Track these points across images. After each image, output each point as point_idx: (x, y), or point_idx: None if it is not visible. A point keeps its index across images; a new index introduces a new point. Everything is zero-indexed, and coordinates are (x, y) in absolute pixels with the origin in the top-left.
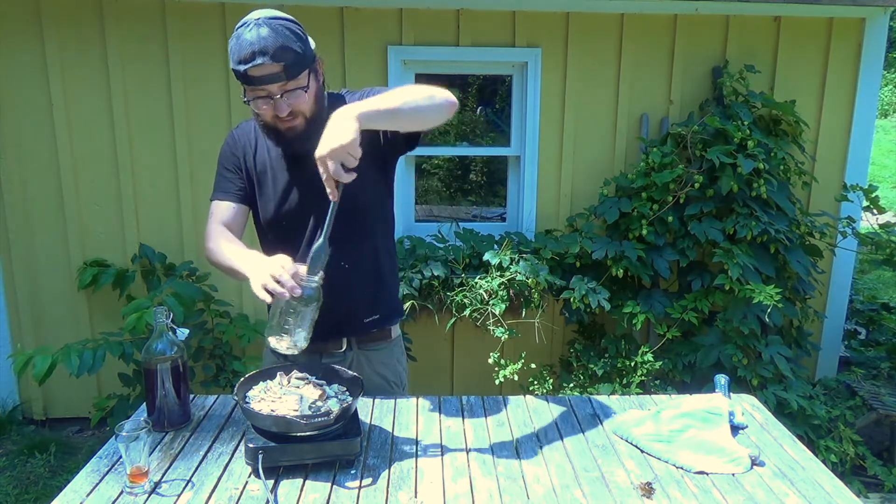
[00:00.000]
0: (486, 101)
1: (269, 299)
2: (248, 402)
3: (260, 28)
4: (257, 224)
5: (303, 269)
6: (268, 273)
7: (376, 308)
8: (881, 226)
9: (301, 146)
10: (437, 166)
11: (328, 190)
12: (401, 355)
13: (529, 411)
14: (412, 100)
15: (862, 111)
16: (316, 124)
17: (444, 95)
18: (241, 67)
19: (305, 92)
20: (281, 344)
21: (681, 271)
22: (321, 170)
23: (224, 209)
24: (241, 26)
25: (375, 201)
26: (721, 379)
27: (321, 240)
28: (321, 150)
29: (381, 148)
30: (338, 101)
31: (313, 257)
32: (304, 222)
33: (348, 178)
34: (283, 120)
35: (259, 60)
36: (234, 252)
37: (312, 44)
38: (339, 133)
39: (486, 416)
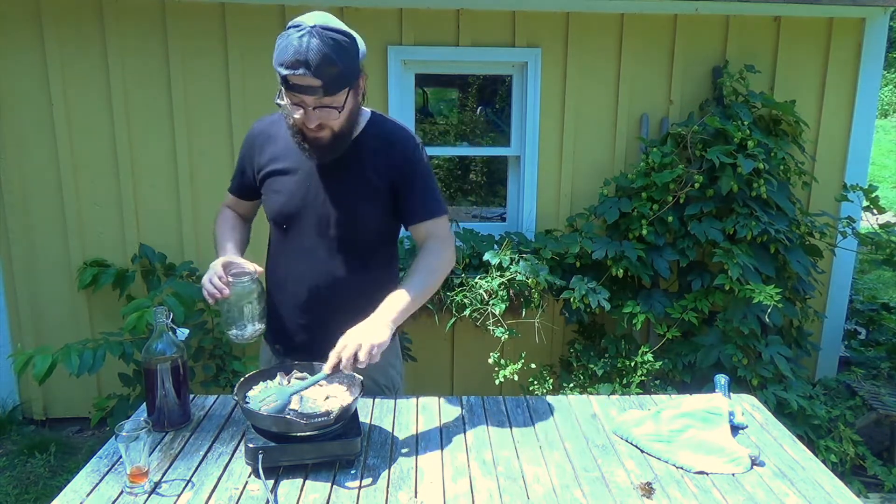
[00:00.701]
0: (486, 101)
1: (211, 301)
2: (247, 402)
3: (311, 38)
4: (266, 217)
5: (247, 265)
6: (206, 280)
7: None
8: (881, 226)
9: (321, 157)
10: (437, 166)
11: (328, 363)
12: (394, 359)
13: (529, 411)
14: (433, 287)
15: (862, 111)
16: (343, 140)
17: (451, 262)
18: (283, 71)
19: (339, 112)
20: (230, 333)
21: (681, 271)
22: (337, 345)
23: (231, 199)
24: (294, 27)
25: (381, 243)
26: (721, 379)
27: (298, 381)
28: (354, 334)
29: (394, 202)
30: (391, 132)
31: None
32: (302, 226)
33: (349, 367)
34: (310, 129)
35: (300, 70)
36: (217, 246)
37: (363, 52)
38: (377, 333)
39: (486, 416)
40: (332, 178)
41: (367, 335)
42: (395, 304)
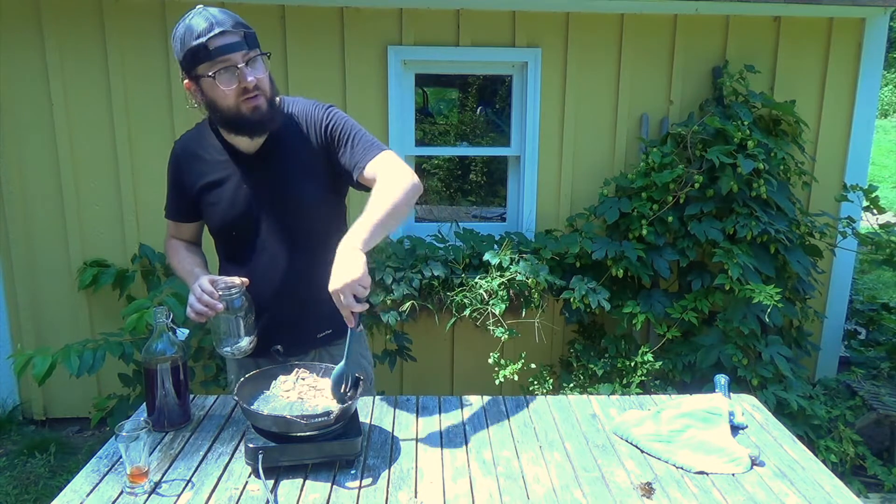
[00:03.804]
0: (486, 101)
1: (202, 320)
2: (258, 398)
3: (208, 9)
4: (211, 232)
5: (232, 280)
6: (193, 299)
7: (329, 324)
8: (881, 226)
9: (263, 130)
10: (437, 166)
11: (345, 317)
12: (364, 350)
13: (529, 411)
14: (394, 203)
15: (862, 111)
16: (276, 109)
17: (411, 181)
18: (201, 40)
19: (269, 58)
20: (224, 350)
21: (681, 271)
22: (336, 301)
23: (172, 226)
24: (185, 18)
25: (330, 225)
26: (721, 379)
27: (342, 364)
28: (335, 284)
29: (333, 175)
30: (300, 105)
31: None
32: (252, 227)
33: (361, 307)
34: (248, 98)
35: (217, 29)
36: (184, 275)
37: None
38: (350, 267)
39: (486, 416)
40: (265, 170)
41: (347, 274)
42: (360, 230)
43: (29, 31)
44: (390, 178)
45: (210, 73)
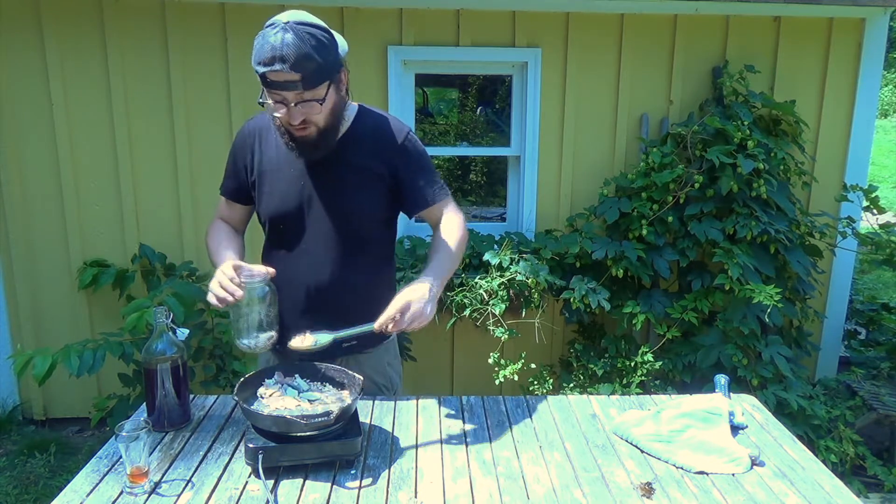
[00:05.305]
0: (486, 101)
1: (221, 306)
2: (256, 399)
3: (286, 33)
4: (260, 220)
5: (257, 268)
6: (214, 283)
7: (356, 335)
8: (881, 226)
9: (310, 154)
10: (437, 166)
11: (383, 319)
12: (392, 359)
13: (529, 411)
14: (459, 255)
15: (862, 111)
16: (329, 135)
17: (467, 234)
18: (260, 69)
19: (321, 104)
20: (242, 343)
21: (681, 271)
22: (391, 308)
23: (223, 204)
24: (269, 26)
25: (377, 240)
26: (721, 379)
27: (326, 336)
28: (414, 303)
29: (393, 195)
30: (380, 121)
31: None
32: (300, 225)
33: (399, 329)
34: (295, 127)
35: (278, 66)
36: (214, 256)
37: (344, 48)
38: (426, 311)
39: (486, 416)
40: (326, 174)
41: (427, 308)
42: (438, 278)
43: (29, 31)
44: (459, 234)
45: (263, 100)
